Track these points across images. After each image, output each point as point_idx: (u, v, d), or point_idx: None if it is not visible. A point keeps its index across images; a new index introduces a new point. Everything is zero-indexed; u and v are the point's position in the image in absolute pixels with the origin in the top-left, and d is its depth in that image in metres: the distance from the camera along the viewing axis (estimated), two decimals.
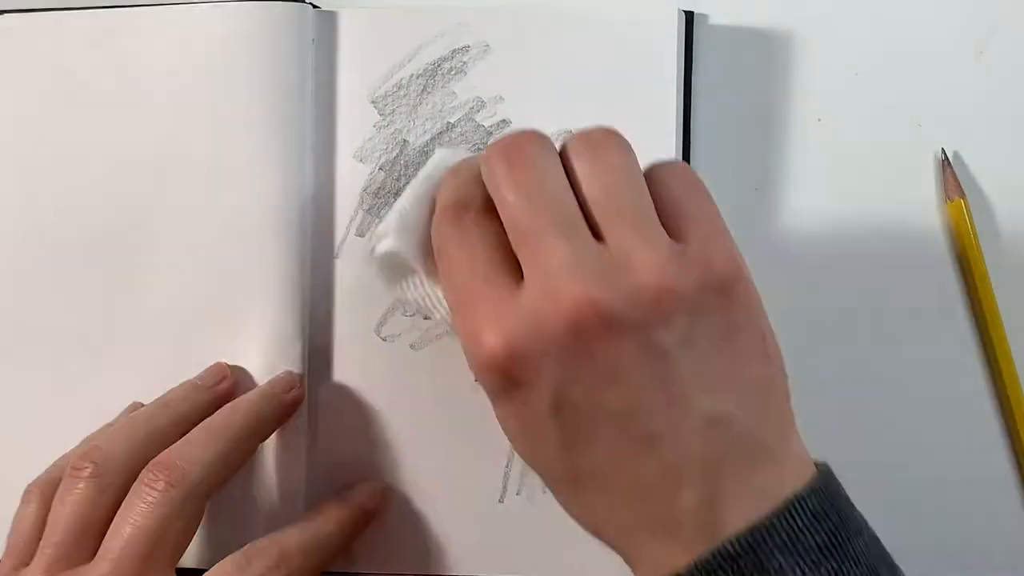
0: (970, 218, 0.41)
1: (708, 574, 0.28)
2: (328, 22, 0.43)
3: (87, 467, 0.36)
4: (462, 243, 0.31)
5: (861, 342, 0.42)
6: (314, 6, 0.43)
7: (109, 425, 0.40)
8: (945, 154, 0.41)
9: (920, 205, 0.42)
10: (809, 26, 0.43)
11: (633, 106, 0.41)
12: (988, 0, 0.43)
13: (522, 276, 0.30)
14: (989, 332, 0.41)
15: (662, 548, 0.30)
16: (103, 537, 0.35)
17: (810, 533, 0.28)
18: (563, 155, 0.31)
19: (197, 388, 0.40)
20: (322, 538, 0.38)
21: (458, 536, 0.41)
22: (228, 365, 0.41)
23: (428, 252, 0.33)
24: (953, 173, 0.41)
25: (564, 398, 0.29)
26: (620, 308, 0.28)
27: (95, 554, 0.35)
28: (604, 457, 0.30)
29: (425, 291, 0.34)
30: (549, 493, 0.40)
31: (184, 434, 0.37)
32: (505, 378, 0.29)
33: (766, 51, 0.43)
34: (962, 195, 0.41)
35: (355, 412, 0.42)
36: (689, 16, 0.42)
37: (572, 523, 0.40)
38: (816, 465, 0.31)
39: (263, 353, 0.41)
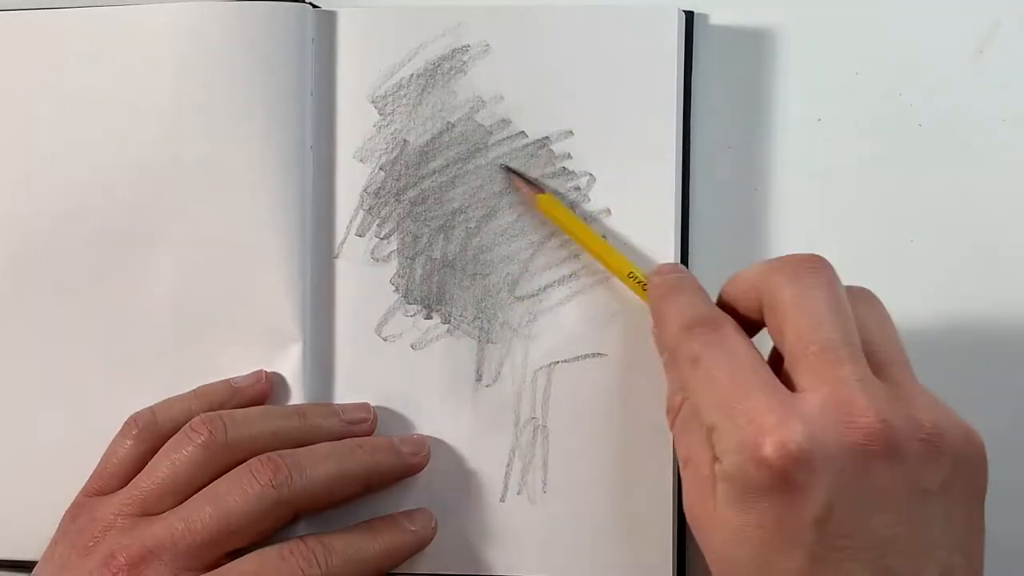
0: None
1: None
2: (328, 22, 0.43)
3: (204, 433, 0.37)
4: (726, 348, 0.33)
5: None
6: (314, 6, 0.43)
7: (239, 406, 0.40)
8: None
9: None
10: (809, 26, 0.43)
11: (633, 106, 0.41)
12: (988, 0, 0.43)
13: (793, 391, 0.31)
14: None
15: None
16: (188, 498, 0.37)
17: None
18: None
19: (335, 413, 0.40)
20: (366, 552, 0.38)
21: (459, 536, 0.41)
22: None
23: None
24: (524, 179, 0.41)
25: (833, 511, 0.29)
26: (904, 437, 0.30)
27: (173, 508, 0.36)
28: None
29: None
30: (550, 493, 0.41)
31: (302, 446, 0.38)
32: (781, 477, 0.29)
33: (766, 51, 0.43)
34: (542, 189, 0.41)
35: None
36: (689, 16, 0.42)
37: (572, 523, 0.40)
38: None
39: (263, 353, 0.41)
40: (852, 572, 0.29)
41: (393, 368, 0.41)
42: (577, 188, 0.42)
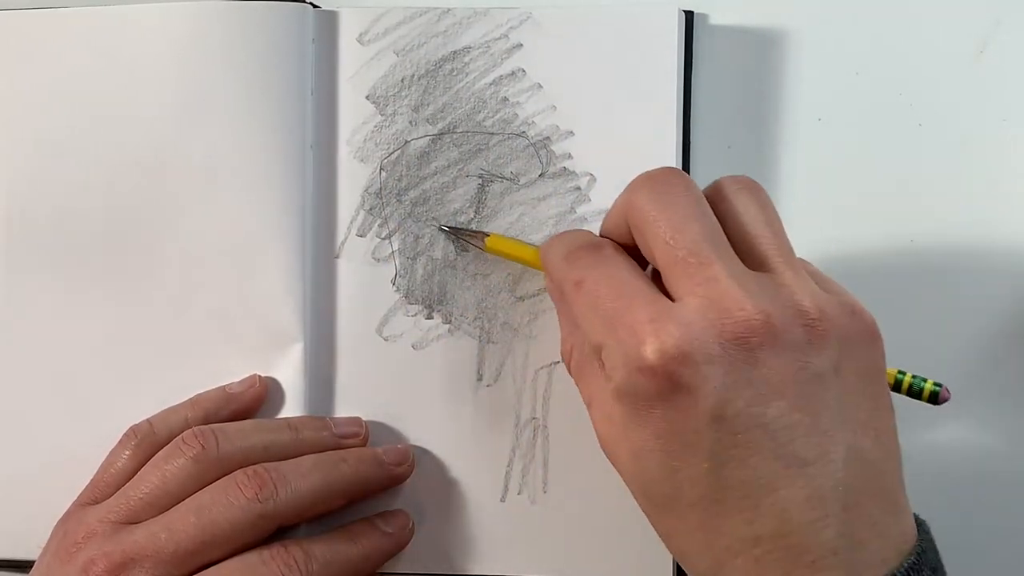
0: None
1: None
2: (328, 22, 0.43)
3: (196, 447, 0.37)
4: (606, 268, 0.33)
5: None
6: (314, 6, 0.43)
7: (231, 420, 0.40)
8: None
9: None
10: (809, 26, 0.43)
11: (633, 106, 0.41)
12: None
13: (672, 300, 0.31)
14: None
15: None
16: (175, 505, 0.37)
17: None
18: (707, 193, 0.33)
19: (327, 426, 0.40)
20: (345, 556, 0.38)
21: (459, 536, 0.41)
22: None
23: None
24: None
25: (726, 406, 0.29)
26: (786, 324, 0.30)
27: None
28: (754, 475, 0.29)
29: None
30: (551, 493, 0.41)
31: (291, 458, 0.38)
32: (667, 381, 0.29)
33: (766, 51, 0.43)
34: None
35: (356, 412, 0.41)
36: (689, 16, 0.42)
37: (572, 523, 0.40)
38: (916, 519, 0.32)
39: (264, 353, 0.41)
40: (758, 465, 0.29)
41: (394, 368, 0.42)
42: (577, 188, 0.42)
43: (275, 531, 0.37)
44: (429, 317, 0.42)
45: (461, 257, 0.42)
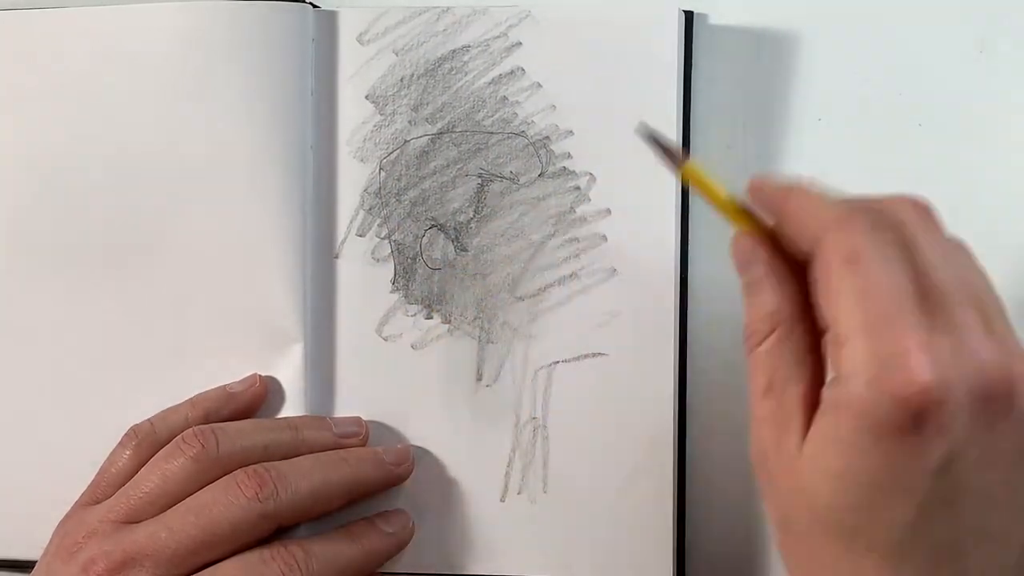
0: None
1: None
2: (328, 22, 0.43)
3: (196, 446, 0.37)
4: (888, 257, 0.28)
5: None
6: (314, 6, 0.43)
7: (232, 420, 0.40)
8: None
9: None
10: (809, 26, 0.43)
11: (633, 106, 0.41)
12: None
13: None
14: None
15: None
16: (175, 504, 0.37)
17: None
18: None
19: (327, 426, 0.40)
20: (345, 556, 0.38)
21: (459, 536, 0.41)
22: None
23: None
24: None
25: (956, 461, 0.27)
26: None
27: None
28: (952, 537, 0.28)
29: None
30: (551, 493, 0.41)
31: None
32: (915, 416, 0.26)
33: (766, 51, 0.43)
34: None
35: (356, 412, 0.41)
36: (689, 16, 0.42)
37: (572, 523, 0.40)
38: None
39: (264, 353, 0.41)
40: (954, 528, 0.28)
41: (393, 368, 0.42)
42: (577, 188, 0.42)
43: (275, 531, 0.37)
44: (429, 317, 0.42)
45: (461, 257, 0.42)
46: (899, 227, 0.29)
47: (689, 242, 0.42)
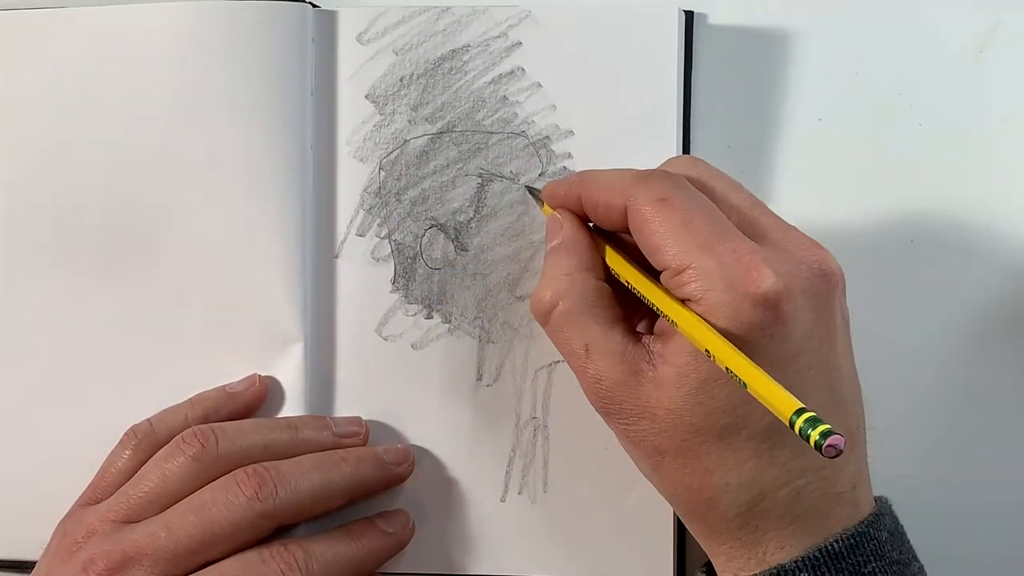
0: None
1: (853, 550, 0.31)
2: (328, 22, 0.43)
3: (195, 446, 0.37)
4: (691, 193, 0.32)
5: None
6: (314, 6, 0.43)
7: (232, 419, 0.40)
8: None
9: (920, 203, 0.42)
10: (809, 26, 0.43)
11: (633, 105, 0.41)
12: None
13: None
14: None
15: (825, 522, 0.32)
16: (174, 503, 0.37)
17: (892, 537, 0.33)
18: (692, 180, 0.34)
19: (327, 426, 0.40)
20: (345, 556, 0.38)
21: (459, 535, 0.41)
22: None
23: None
24: None
25: (807, 342, 0.31)
26: (840, 276, 0.33)
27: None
28: (812, 408, 0.29)
29: None
30: (551, 493, 0.41)
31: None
32: (773, 313, 0.30)
33: (766, 51, 0.43)
34: None
35: (356, 412, 0.41)
36: (689, 16, 0.42)
37: (572, 523, 0.40)
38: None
39: (264, 353, 0.41)
40: (817, 399, 0.31)
41: (394, 368, 0.41)
42: None
43: (275, 530, 0.37)
44: (429, 317, 0.42)
45: (461, 257, 0.42)
46: (689, 171, 0.34)
47: None
